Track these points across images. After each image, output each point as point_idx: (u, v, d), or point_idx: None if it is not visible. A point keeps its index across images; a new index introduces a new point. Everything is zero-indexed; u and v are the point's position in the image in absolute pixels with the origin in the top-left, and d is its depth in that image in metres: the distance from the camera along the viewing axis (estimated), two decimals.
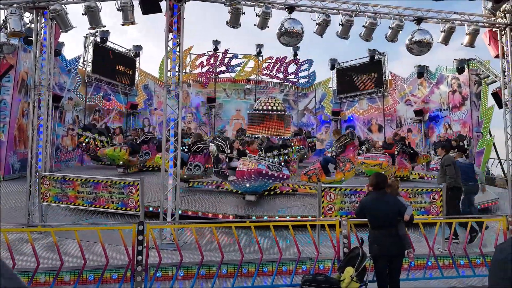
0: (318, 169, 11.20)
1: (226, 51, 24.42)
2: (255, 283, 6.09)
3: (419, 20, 9.54)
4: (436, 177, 10.75)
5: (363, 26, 9.48)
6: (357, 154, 12.53)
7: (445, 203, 7.73)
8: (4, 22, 8.35)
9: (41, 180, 8.15)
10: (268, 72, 25.06)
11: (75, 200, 7.96)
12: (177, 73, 8.11)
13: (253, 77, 24.91)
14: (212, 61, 24.34)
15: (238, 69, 24.78)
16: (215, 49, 24.17)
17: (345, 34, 9.48)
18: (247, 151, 10.75)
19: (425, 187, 7.97)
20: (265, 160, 10.17)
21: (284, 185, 10.95)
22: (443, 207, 7.68)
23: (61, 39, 16.01)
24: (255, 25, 9.15)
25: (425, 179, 14.79)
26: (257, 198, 10.29)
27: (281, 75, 25.06)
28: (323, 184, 7.87)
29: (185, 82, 22.06)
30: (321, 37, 9.47)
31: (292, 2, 9.10)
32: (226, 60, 24.52)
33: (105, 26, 8.77)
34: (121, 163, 14.04)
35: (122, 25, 8.65)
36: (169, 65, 8.10)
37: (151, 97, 22.81)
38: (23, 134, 14.11)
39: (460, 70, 17.32)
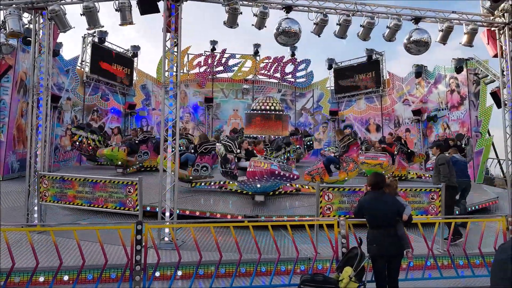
0: (321, 169, 11.23)
1: (223, 51, 24.44)
2: (253, 283, 6.09)
3: (417, 19, 9.54)
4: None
5: (361, 25, 9.49)
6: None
7: (444, 203, 7.74)
8: (3, 22, 8.37)
9: (40, 180, 8.16)
10: (265, 72, 25.09)
11: (74, 199, 7.98)
12: (175, 73, 8.11)
13: (250, 77, 24.97)
14: (209, 61, 24.37)
15: (235, 69, 24.82)
16: (213, 49, 24.19)
17: (342, 33, 9.46)
18: (254, 151, 10.71)
19: (423, 187, 7.95)
20: (271, 159, 10.13)
21: (287, 184, 10.93)
22: (442, 207, 7.67)
23: (59, 40, 15.95)
24: (253, 25, 9.15)
25: (423, 178, 14.81)
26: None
27: (278, 75, 25.09)
28: (324, 184, 7.88)
29: (182, 82, 22.03)
30: (319, 36, 9.48)
31: (289, 1, 9.09)
32: (223, 60, 24.54)
33: (103, 26, 8.76)
34: (120, 163, 14.00)
35: (120, 25, 8.63)
36: (166, 65, 8.10)
37: (149, 97, 22.81)
38: (22, 134, 14.09)
39: (458, 69, 17.30)
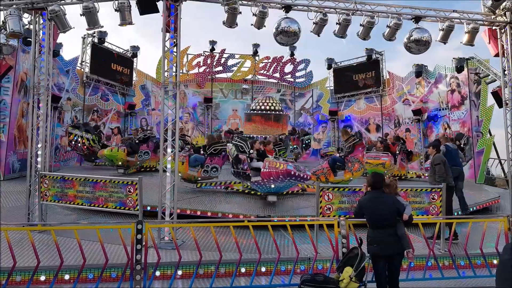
0: (326, 169, 11.24)
1: (222, 51, 24.44)
2: (253, 282, 6.10)
3: (417, 18, 9.53)
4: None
5: (361, 25, 9.47)
6: None
7: (445, 203, 7.72)
8: (3, 23, 8.38)
9: (41, 179, 8.19)
10: (264, 72, 25.08)
11: (74, 199, 8.01)
12: (174, 73, 8.11)
13: (249, 77, 24.95)
14: (208, 61, 24.36)
15: (234, 69, 24.80)
16: (212, 49, 24.19)
17: (342, 33, 9.44)
18: (265, 152, 10.66)
19: (424, 187, 7.92)
20: (279, 159, 10.11)
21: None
22: (443, 207, 7.65)
23: (59, 40, 16.00)
24: (252, 24, 9.15)
25: (422, 178, 14.83)
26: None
27: (277, 75, 25.07)
28: (329, 184, 7.85)
29: (182, 82, 22.03)
30: (318, 36, 9.47)
31: (288, 1, 9.08)
32: (222, 60, 24.54)
33: (103, 26, 8.75)
34: (120, 163, 13.97)
35: (119, 25, 8.64)
36: (166, 65, 8.11)
37: (148, 98, 22.82)
38: (23, 134, 14.11)
39: (459, 69, 17.21)
